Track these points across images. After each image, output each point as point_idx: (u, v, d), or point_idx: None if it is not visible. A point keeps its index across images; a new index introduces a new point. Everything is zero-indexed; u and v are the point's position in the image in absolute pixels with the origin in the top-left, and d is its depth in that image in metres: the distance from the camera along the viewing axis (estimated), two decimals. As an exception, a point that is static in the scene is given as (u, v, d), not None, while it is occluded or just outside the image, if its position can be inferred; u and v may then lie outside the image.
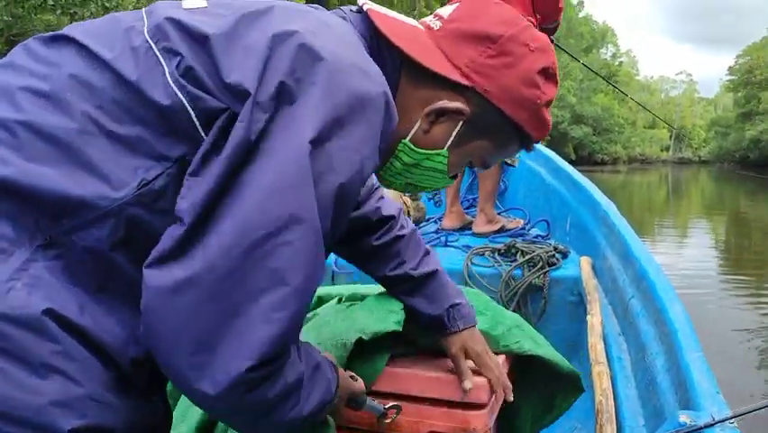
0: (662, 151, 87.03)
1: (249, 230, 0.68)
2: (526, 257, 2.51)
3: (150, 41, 0.75)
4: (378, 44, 0.90)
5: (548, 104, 0.95)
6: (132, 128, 0.73)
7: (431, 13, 0.97)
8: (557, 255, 2.59)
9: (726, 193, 24.29)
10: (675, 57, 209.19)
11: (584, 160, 56.25)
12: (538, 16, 3.01)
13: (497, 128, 0.94)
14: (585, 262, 2.47)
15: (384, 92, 0.78)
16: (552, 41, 3.31)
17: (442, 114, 0.91)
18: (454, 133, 0.93)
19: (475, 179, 3.52)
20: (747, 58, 59.21)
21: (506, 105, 0.91)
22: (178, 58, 0.74)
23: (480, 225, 3.01)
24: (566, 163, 3.17)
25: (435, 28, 0.93)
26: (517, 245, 2.62)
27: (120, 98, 0.73)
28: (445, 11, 0.95)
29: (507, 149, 1.01)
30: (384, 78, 0.81)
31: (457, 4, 0.95)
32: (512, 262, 2.57)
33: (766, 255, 8.63)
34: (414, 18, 1.01)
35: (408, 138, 0.93)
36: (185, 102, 0.73)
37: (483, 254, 2.62)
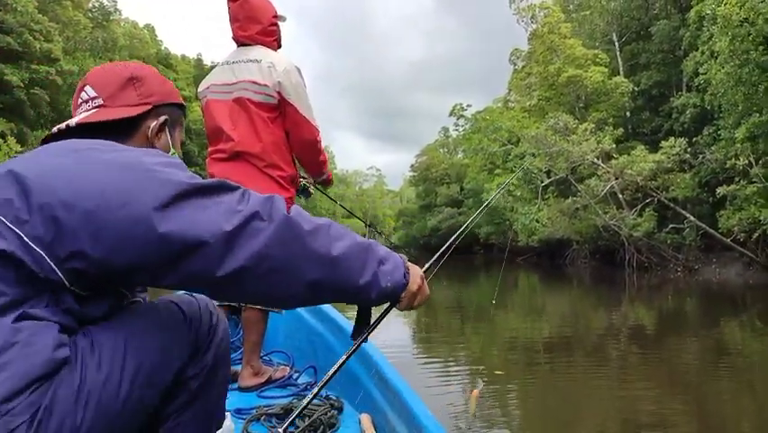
0: (367, 227, 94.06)
1: None
2: (306, 421, 2.39)
3: None
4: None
5: None
6: None
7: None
8: (334, 412, 2.52)
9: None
10: (367, 152, 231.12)
11: (291, 249, 58.21)
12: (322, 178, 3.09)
13: (176, 113, 1.48)
14: (366, 421, 2.43)
15: None
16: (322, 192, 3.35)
17: (157, 131, 1.39)
18: (168, 137, 1.43)
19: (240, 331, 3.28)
20: (425, 157, 67.69)
21: (171, 98, 1.46)
22: None
23: (246, 379, 2.80)
24: (328, 305, 3.15)
25: (102, 102, 1.34)
26: (294, 407, 2.49)
27: None
28: (89, 92, 1.35)
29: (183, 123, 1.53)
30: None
31: (87, 85, 1.36)
32: (290, 425, 2.42)
33: (452, 332, 9.61)
34: None
35: None
36: None
37: (260, 420, 2.43)
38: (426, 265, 1.61)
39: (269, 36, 2.98)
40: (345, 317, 3.02)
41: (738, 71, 17.38)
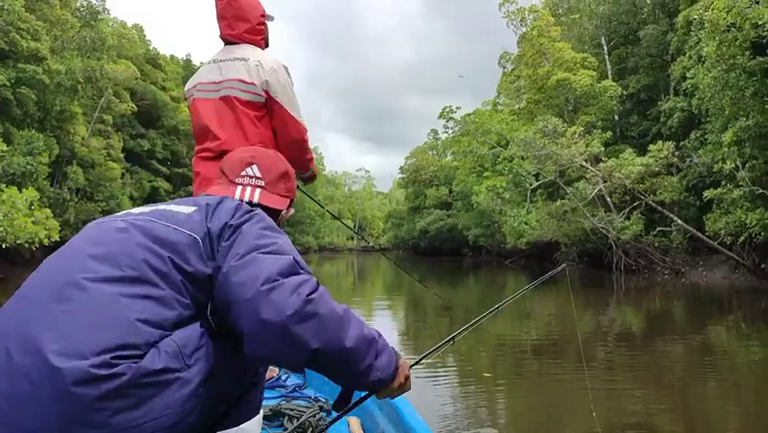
0: (348, 240, 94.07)
1: None
2: (295, 423, 2.38)
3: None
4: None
5: None
6: None
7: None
8: (322, 414, 2.51)
9: (404, 277, 26.96)
10: (356, 154, 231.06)
11: (279, 249, 58.14)
12: (302, 177, 3.06)
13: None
14: (355, 423, 2.42)
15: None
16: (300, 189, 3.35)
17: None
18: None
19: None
20: (414, 159, 67.74)
21: (295, 194, 1.91)
22: None
23: (234, 381, 2.79)
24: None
25: (263, 184, 1.75)
26: (283, 408, 2.47)
27: None
28: (254, 171, 1.75)
29: None
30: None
31: (254, 164, 1.76)
32: (279, 427, 2.41)
33: (441, 330, 9.61)
34: None
35: None
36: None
37: (247, 422, 2.41)
38: (416, 360, 1.80)
39: (257, 35, 2.96)
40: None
41: (725, 76, 17.51)
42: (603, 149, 24.29)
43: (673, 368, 7.03)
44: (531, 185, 27.69)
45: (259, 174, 1.75)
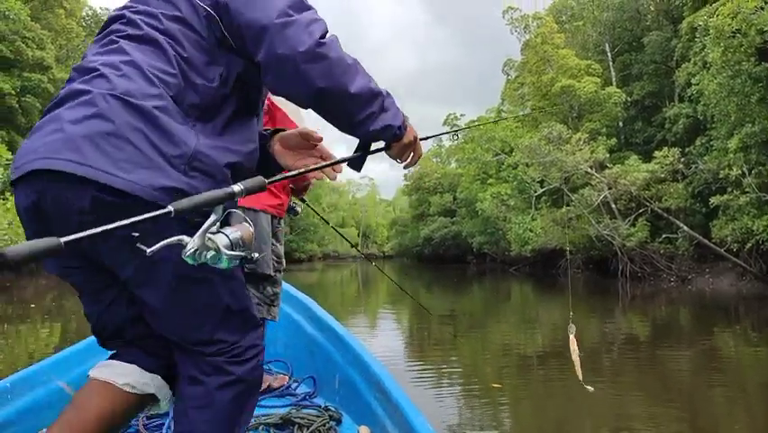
0: (350, 248, 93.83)
1: None
2: (305, 432, 2.35)
3: None
4: None
5: None
6: None
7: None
8: (332, 423, 2.48)
9: (407, 286, 26.88)
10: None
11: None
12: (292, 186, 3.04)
13: None
14: (365, 432, 2.39)
15: None
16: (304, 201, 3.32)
17: None
18: None
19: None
20: (418, 166, 67.66)
21: None
22: None
23: (243, 389, 2.76)
24: (327, 314, 3.11)
25: None
26: (293, 417, 2.45)
27: None
28: None
29: None
30: None
31: None
32: (288, 436, 2.38)
33: (443, 338, 9.58)
34: None
35: None
36: None
37: (258, 429, 2.38)
38: (422, 137, 1.77)
39: None
40: (346, 328, 2.98)
41: (731, 82, 17.48)
42: (608, 155, 24.24)
43: (680, 375, 6.98)
44: (536, 192, 27.66)
45: None
